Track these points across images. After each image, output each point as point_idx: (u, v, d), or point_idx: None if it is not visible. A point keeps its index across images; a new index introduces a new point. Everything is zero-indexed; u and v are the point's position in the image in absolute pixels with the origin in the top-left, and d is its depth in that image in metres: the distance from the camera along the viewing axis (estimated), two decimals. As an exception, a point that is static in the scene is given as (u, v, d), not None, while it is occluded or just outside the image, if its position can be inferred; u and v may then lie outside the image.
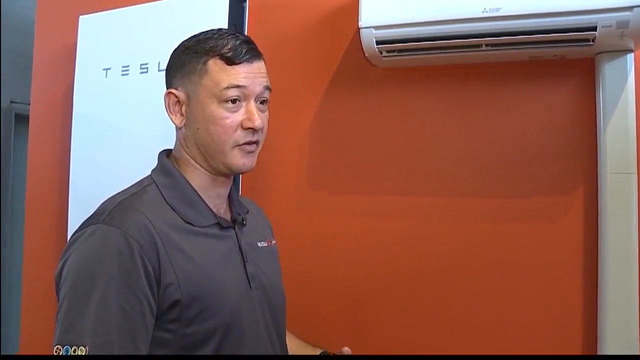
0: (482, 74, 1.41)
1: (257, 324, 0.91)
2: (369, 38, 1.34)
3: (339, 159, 1.55)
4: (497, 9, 1.20)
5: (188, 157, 0.91)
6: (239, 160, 0.88)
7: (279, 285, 1.04)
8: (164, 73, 1.61)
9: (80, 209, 1.76)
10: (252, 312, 0.91)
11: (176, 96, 0.89)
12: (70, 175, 1.79)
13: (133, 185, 0.92)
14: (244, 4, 1.66)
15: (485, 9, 1.21)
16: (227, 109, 0.85)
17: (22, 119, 3.11)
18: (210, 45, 0.86)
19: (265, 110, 0.93)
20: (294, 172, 1.59)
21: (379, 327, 1.49)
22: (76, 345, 0.73)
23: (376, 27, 1.32)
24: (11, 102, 3.29)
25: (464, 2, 1.23)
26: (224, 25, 1.56)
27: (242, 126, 0.87)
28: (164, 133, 1.61)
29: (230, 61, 0.85)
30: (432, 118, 1.46)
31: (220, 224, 0.91)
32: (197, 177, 0.91)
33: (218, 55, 0.85)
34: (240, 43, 0.87)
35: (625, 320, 1.23)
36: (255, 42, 1.64)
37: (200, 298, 0.82)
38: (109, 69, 1.74)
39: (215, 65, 0.85)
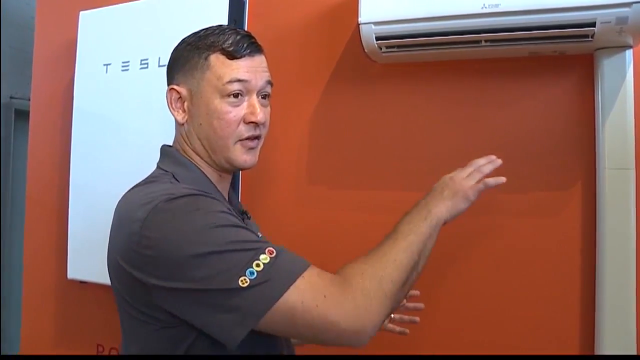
0: (481, 70, 1.41)
1: None
2: (368, 34, 1.34)
3: (338, 155, 1.56)
4: (497, 5, 1.20)
5: (190, 152, 0.91)
6: (241, 156, 0.89)
7: None
8: (164, 69, 1.65)
9: (80, 204, 1.77)
10: None
11: (178, 92, 0.89)
12: (71, 171, 1.79)
13: (149, 183, 0.88)
14: (244, 0, 1.66)
15: (484, 4, 1.21)
16: (230, 104, 0.86)
17: (22, 115, 3.12)
18: (212, 40, 0.87)
19: (268, 105, 0.93)
20: (293, 167, 1.60)
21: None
22: (253, 260, 0.73)
23: (376, 23, 1.32)
24: (11, 97, 3.29)
25: (463, -2, 1.23)
26: (224, 20, 1.57)
27: (244, 120, 0.87)
28: (164, 128, 1.61)
29: (231, 55, 0.86)
30: (432, 113, 1.47)
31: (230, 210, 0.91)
32: (207, 171, 0.92)
33: (219, 50, 0.86)
34: (241, 38, 0.87)
35: (623, 313, 1.24)
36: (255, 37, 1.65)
37: None
38: (109, 64, 1.74)
39: (217, 60, 0.86)
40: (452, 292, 1.43)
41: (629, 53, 1.25)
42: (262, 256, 0.72)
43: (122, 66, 1.71)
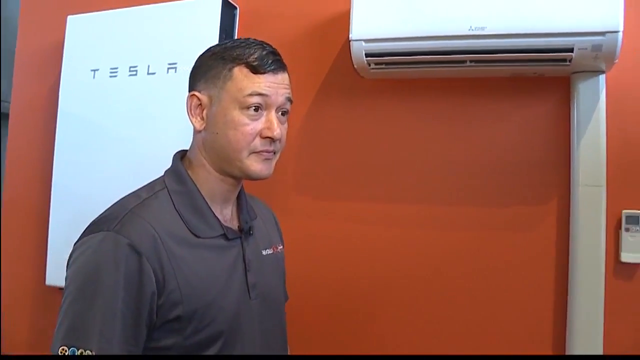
0: (465, 89, 1.48)
1: (254, 333, 0.94)
2: (358, 50, 1.39)
3: (325, 166, 1.60)
4: (483, 28, 1.27)
5: (204, 160, 0.92)
6: (256, 166, 0.89)
7: (280, 294, 1.07)
8: (153, 77, 1.67)
9: (63, 210, 1.75)
10: (250, 322, 0.93)
11: (199, 99, 0.90)
12: (54, 176, 1.78)
13: (145, 187, 0.92)
14: (235, 11, 1.69)
15: (471, 27, 1.27)
16: (248, 116, 0.87)
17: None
18: (237, 53, 0.88)
19: (285, 122, 0.95)
20: (282, 177, 1.63)
21: (362, 331, 1.53)
22: (83, 348, 0.75)
23: (366, 40, 1.37)
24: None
25: (451, 20, 1.29)
26: (215, 31, 1.59)
27: (260, 135, 0.88)
28: (152, 136, 1.64)
29: (255, 70, 0.87)
30: (417, 129, 1.53)
31: (226, 235, 0.92)
32: (208, 182, 0.92)
33: (244, 63, 0.87)
34: (266, 53, 0.88)
35: (592, 320, 1.32)
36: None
37: (200, 311, 0.84)
38: (97, 70, 1.73)
39: (240, 72, 0.87)
40: (437, 301, 1.49)
41: (602, 77, 1.33)
42: (87, 351, 0.75)
43: (110, 72, 1.71)
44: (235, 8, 1.69)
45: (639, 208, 1.33)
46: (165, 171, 0.95)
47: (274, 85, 0.88)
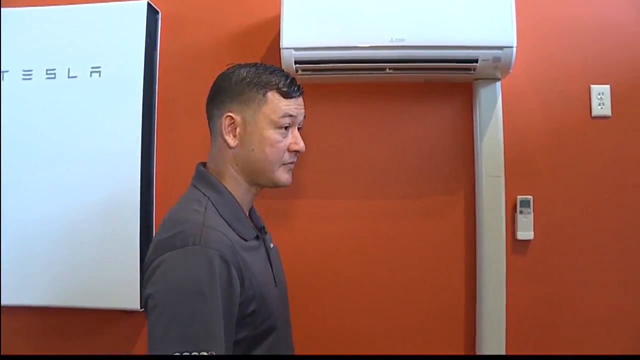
0: (385, 92, 1.64)
1: (284, 317, 1.07)
2: (288, 58, 1.48)
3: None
4: (402, 40, 1.43)
5: (235, 173, 1.00)
6: (285, 176, 1.02)
7: (285, 282, 1.17)
8: (75, 80, 1.61)
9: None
10: (281, 307, 1.04)
11: (232, 119, 0.98)
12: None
13: (191, 201, 0.97)
14: (157, 16, 1.69)
15: (392, 39, 1.43)
16: (281, 134, 0.99)
17: None
18: (267, 79, 0.98)
19: None
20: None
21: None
22: (197, 351, 0.80)
23: (296, 49, 1.47)
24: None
25: (374, 32, 1.43)
26: (141, 36, 1.60)
27: (288, 149, 1.00)
28: (74, 140, 1.59)
29: (286, 95, 0.99)
30: (340, 130, 1.66)
31: (257, 235, 1.02)
32: (238, 191, 1.01)
33: (276, 88, 0.98)
34: (291, 81, 1.00)
35: (497, 287, 1.56)
36: (168, 52, 1.68)
37: (264, 303, 0.94)
38: (7, 71, 1.64)
39: (273, 97, 0.98)
40: (366, 290, 1.64)
41: (499, 84, 1.57)
42: (202, 353, 0.82)
43: (24, 75, 1.63)
44: (158, 12, 1.69)
45: (529, 193, 1.59)
46: (197, 184, 1.01)
47: (299, 107, 1.02)
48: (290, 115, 0.99)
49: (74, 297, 1.60)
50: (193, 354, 0.79)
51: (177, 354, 0.78)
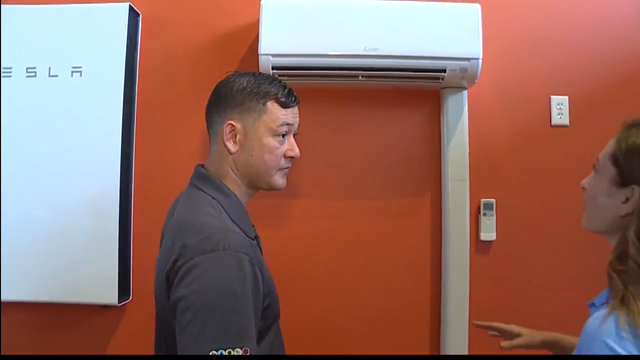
0: (358, 99, 1.72)
1: None
2: (266, 63, 1.55)
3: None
4: (375, 49, 1.50)
5: (235, 176, 1.06)
6: (281, 180, 1.09)
7: None
8: (56, 79, 1.63)
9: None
10: None
11: (233, 126, 1.03)
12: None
13: (205, 204, 1.02)
14: (138, 18, 1.73)
15: (365, 47, 1.51)
16: (279, 142, 1.05)
17: None
18: (266, 89, 1.03)
19: None
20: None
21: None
22: (232, 348, 0.86)
23: (273, 55, 1.54)
24: None
25: (349, 41, 1.51)
26: (123, 37, 1.64)
27: (285, 155, 1.07)
28: (55, 139, 1.62)
29: (284, 105, 1.04)
30: (314, 133, 1.73)
31: (256, 235, 1.10)
32: (239, 193, 1.06)
33: (275, 98, 1.03)
34: (288, 91, 1.06)
35: (461, 285, 1.66)
36: (149, 54, 1.71)
37: (272, 298, 1.01)
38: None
39: (272, 106, 1.03)
40: (335, 290, 1.72)
41: (465, 93, 1.66)
42: (237, 349, 0.88)
43: (4, 72, 1.65)
44: (139, 15, 1.73)
45: (492, 196, 1.68)
46: (201, 185, 1.05)
47: (295, 116, 1.08)
48: (288, 124, 1.05)
49: (53, 293, 1.63)
50: (228, 350, 0.85)
51: (214, 352, 0.84)
